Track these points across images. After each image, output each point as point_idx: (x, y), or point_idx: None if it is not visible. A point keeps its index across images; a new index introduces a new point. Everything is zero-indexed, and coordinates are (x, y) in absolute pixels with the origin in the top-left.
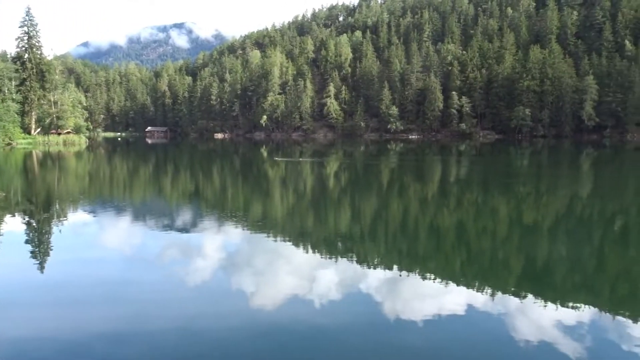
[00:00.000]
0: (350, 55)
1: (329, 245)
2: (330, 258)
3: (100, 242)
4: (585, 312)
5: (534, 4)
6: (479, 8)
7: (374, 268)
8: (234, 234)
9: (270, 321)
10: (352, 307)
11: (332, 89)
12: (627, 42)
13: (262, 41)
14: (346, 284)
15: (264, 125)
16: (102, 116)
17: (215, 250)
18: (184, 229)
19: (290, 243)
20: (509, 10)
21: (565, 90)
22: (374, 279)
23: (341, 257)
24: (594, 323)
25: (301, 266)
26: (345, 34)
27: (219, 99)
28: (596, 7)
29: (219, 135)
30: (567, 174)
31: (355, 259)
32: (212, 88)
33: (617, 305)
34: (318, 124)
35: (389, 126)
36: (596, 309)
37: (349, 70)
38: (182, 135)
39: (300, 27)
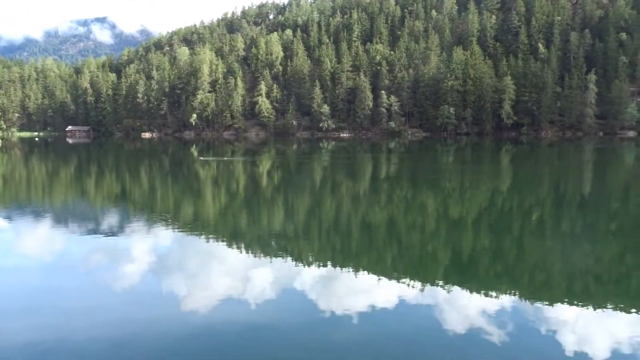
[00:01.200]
0: (281, 54)
1: (263, 244)
2: (264, 257)
3: (18, 249)
4: (507, 300)
5: (457, 7)
6: (406, 10)
7: (308, 266)
8: (164, 236)
9: (204, 324)
10: (286, 305)
11: (263, 87)
12: (540, 45)
13: (190, 38)
14: (281, 282)
15: (193, 124)
16: (16, 115)
17: (144, 254)
18: (110, 233)
19: (224, 243)
20: (434, 12)
21: (486, 90)
22: (309, 276)
23: (275, 256)
24: (515, 309)
25: (235, 266)
26: (275, 33)
27: (145, 97)
28: (512, 12)
29: (147, 135)
30: (489, 169)
31: (289, 257)
32: (138, 85)
33: (535, 292)
34: (250, 123)
35: (320, 125)
36: (516, 297)
37: (280, 68)
38: (107, 135)
39: (230, 25)
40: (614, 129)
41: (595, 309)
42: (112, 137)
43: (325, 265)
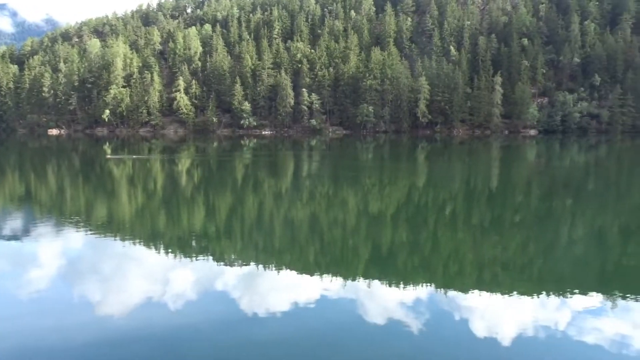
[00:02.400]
0: (200, 49)
1: (183, 245)
2: (184, 258)
3: None
4: (424, 291)
5: (374, 8)
6: (326, 9)
7: (230, 265)
8: (75, 239)
9: (120, 330)
10: (208, 305)
11: (181, 83)
12: (452, 47)
13: (102, 29)
14: (202, 283)
15: (106, 120)
16: None
17: (53, 258)
18: (13, 237)
19: (141, 245)
20: (353, 13)
21: (402, 89)
22: (231, 275)
23: (196, 256)
24: (431, 300)
25: (153, 269)
26: (194, 27)
27: (52, 91)
28: (426, 15)
29: (54, 131)
30: (406, 166)
31: (210, 257)
32: (43, 79)
33: (449, 282)
34: (167, 120)
35: (242, 122)
36: (432, 287)
37: (199, 64)
38: (8, 131)
39: (145, 17)
40: (518, 128)
41: (503, 295)
42: (15, 134)
43: (247, 264)
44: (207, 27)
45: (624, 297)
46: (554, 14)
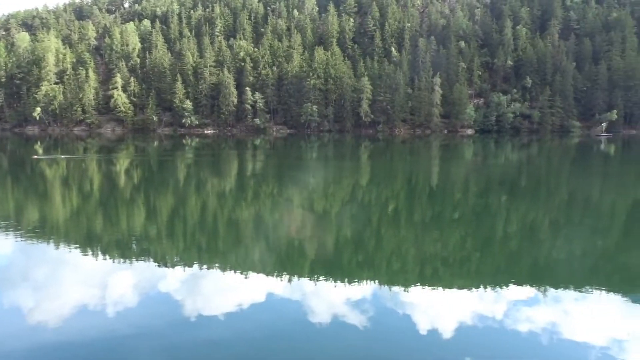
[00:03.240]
0: (139, 45)
1: (123, 247)
2: (124, 261)
3: None
4: (368, 287)
5: (317, 8)
6: (269, 7)
7: (173, 267)
8: (5, 245)
9: (55, 338)
10: (149, 309)
11: (119, 80)
12: (393, 49)
13: (31, 22)
14: (143, 286)
15: (37, 118)
16: None
17: None
18: None
19: (76, 249)
20: (296, 12)
21: (345, 89)
22: (173, 278)
23: (137, 259)
24: (375, 296)
25: (90, 273)
26: (132, 22)
27: None
28: (368, 17)
29: None
30: (350, 165)
31: (152, 259)
32: None
33: (392, 278)
34: (104, 118)
35: (183, 121)
36: (376, 283)
37: (138, 61)
38: None
39: (79, 11)
40: (456, 128)
41: (444, 289)
42: None
43: (190, 266)
44: (146, 22)
45: (554, 288)
46: (488, 19)
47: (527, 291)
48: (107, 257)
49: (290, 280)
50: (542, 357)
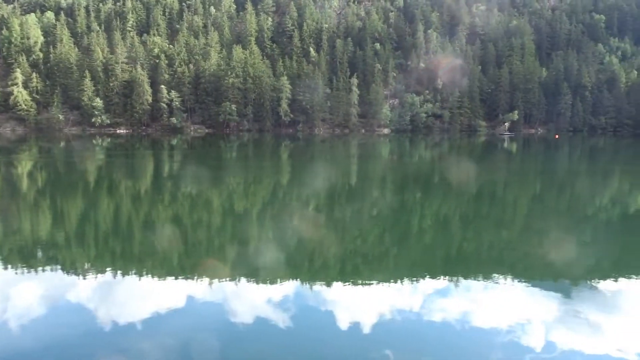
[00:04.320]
0: (42, 39)
1: (26, 255)
2: (28, 270)
3: None
4: (290, 286)
5: (235, 6)
6: (184, 3)
7: (84, 275)
8: None
9: None
10: (58, 320)
11: (19, 75)
12: (311, 49)
13: None
14: (50, 296)
15: None
16: None
17: None
18: None
19: None
20: (212, 9)
21: (265, 88)
22: (85, 286)
23: (43, 267)
24: (297, 294)
25: None
26: (33, 14)
27: None
28: (287, 16)
29: None
30: (270, 164)
31: (59, 267)
32: None
33: (314, 275)
34: (3, 117)
35: (93, 120)
36: (298, 281)
37: (41, 55)
38: None
39: None
40: (373, 127)
41: (363, 285)
42: None
43: (103, 273)
44: (50, 14)
45: (465, 278)
46: (401, 22)
47: (441, 282)
48: (8, 265)
49: (210, 283)
50: (456, 343)
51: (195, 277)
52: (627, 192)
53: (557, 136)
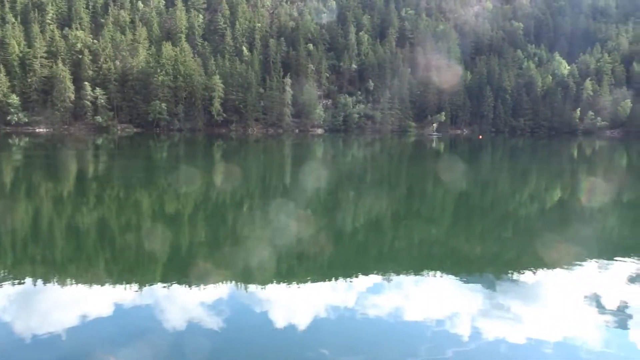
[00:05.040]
0: None
1: None
2: None
3: None
4: (223, 288)
5: (164, 2)
6: None
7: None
8: None
9: None
10: None
11: None
12: (244, 48)
13: None
14: None
15: None
16: None
17: None
18: None
19: None
20: (140, 4)
21: (196, 87)
22: (1, 295)
23: None
24: (231, 296)
25: None
26: None
27: None
28: (218, 14)
29: None
30: (203, 164)
31: None
32: None
33: (247, 277)
34: None
35: (9, 118)
36: (232, 283)
37: None
38: None
39: None
40: (307, 127)
41: (298, 285)
42: None
43: (22, 281)
44: None
45: (397, 274)
46: (334, 24)
47: (373, 279)
48: None
49: (140, 288)
50: (388, 337)
51: (123, 282)
52: (544, 190)
53: (480, 137)
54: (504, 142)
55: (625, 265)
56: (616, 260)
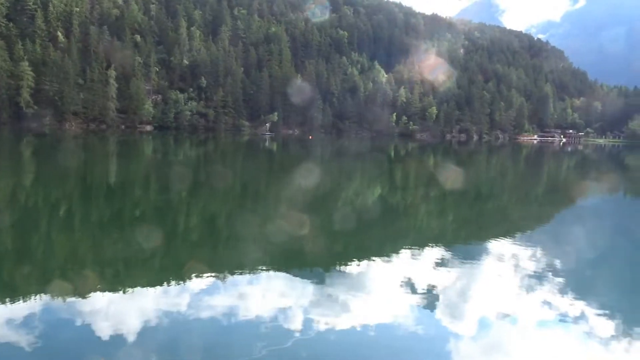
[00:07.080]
0: None
1: None
2: None
3: None
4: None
5: None
6: None
7: None
8: None
9: None
10: None
11: None
12: (60, 33)
13: None
14: None
15: None
16: None
17: None
18: None
19: None
20: None
21: (0, 74)
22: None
23: None
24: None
25: None
26: None
27: None
28: None
29: None
30: (9, 163)
31: None
32: None
33: (65, 286)
34: None
35: None
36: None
37: None
38: None
39: None
40: (135, 123)
41: (124, 292)
42: None
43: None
44: None
45: (231, 274)
46: (163, 16)
47: (208, 280)
48: None
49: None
50: (225, 336)
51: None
52: (367, 186)
53: (311, 137)
54: (331, 142)
55: (432, 252)
56: (426, 248)
